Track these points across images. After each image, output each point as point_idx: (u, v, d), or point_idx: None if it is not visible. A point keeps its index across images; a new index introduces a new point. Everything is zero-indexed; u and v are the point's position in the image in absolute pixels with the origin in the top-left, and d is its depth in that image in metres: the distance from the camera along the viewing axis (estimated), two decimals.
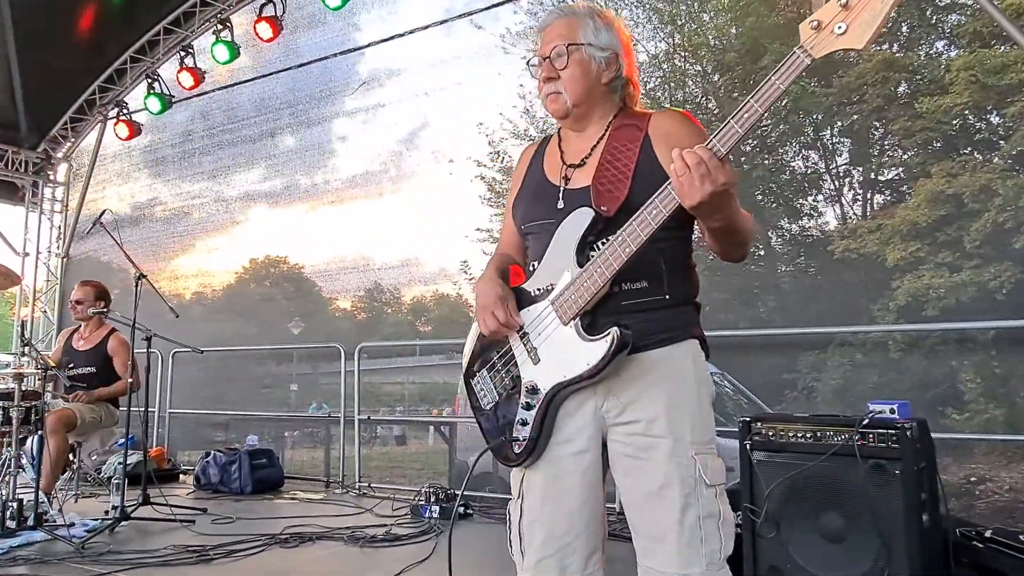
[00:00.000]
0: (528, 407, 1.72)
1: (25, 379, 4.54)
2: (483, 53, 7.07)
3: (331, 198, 7.63)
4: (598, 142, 1.81)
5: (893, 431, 2.61)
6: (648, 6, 8.57)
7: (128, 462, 4.72)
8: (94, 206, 8.71)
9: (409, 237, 7.45)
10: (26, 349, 4.73)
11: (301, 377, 8.76)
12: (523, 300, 1.78)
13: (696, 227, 1.79)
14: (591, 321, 1.67)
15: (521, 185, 1.95)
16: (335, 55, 7.16)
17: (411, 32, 6.80)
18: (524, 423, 1.73)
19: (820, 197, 7.09)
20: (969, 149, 10.74)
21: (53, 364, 4.76)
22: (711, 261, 1.98)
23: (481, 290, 1.82)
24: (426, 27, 6.64)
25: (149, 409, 5.07)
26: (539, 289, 1.76)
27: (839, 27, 1.37)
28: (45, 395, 4.78)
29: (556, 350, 1.69)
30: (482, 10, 6.59)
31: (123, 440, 5.70)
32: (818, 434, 2.78)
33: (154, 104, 7.67)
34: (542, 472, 1.75)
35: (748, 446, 2.97)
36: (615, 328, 1.59)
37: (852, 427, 2.70)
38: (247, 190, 8.05)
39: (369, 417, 6.34)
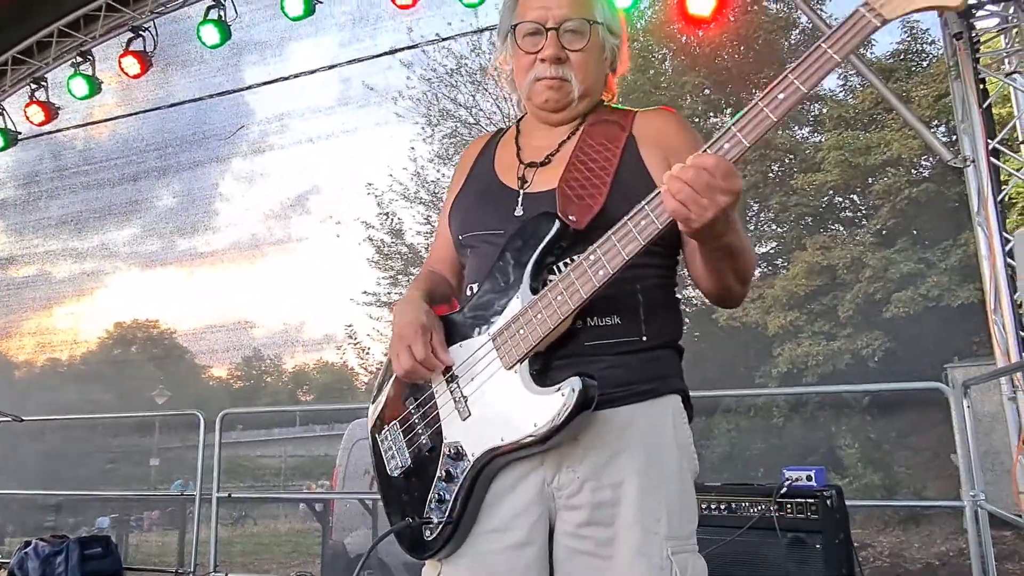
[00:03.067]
0: (449, 478, 1.29)
1: None
2: (375, 117, 6.91)
3: (209, 260, 7.09)
4: (568, 138, 1.44)
5: (812, 500, 2.41)
6: None
7: None
8: None
9: (292, 302, 7.03)
10: None
11: (164, 451, 7.95)
12: (454, 333, 1.36)
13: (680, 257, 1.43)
14: (543, 366, 1.27)
15: (463, 187, 1.54)
16: (209, 96, 6.70)
17: (297, 76, 6.47)
18: (441, 500, 1.30)
19: None
20: (839, 225, 11.41)
21: None
22: None
23: (399, 314, 1.39)
24: (313, 71, 6.34)
25: None
26: (476, 319, 1.35)
27: None
28: None
29: (493, 403, 1.27)
30: (369, 57, 6.39)
31: None
32: (733, 505, 2.54)
33: None
34: (465, 569, 1.30)
35: None
36: (576, 379, 1.18)
37: (769, 496, 2.47)
38: (117, 250, 7.36)
39: (230, 494, 5.65)
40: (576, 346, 1.28)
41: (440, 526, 1.28)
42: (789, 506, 2.42)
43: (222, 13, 6.06)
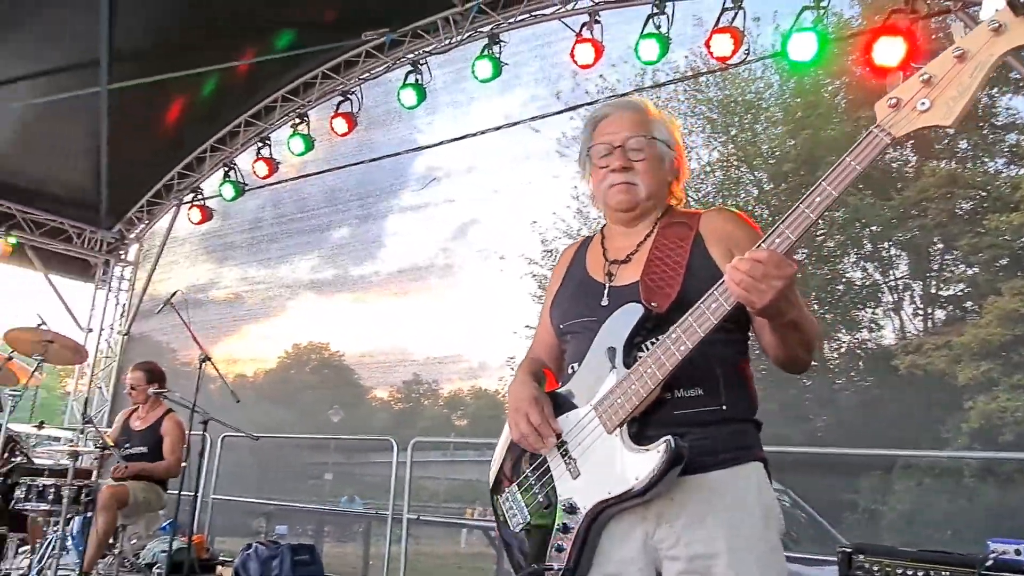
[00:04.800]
0: (565, 530, 1.50)
1: (80, 458, 4.49)
2: (539, 155, 7.24)
3: (377, 289, 7.73)
4: (645, 239, 1.71)
5: None
6: (702, 116, 8.74)
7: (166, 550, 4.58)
8: (160, 287, 8.95)
9: (452, 331, 7.43)
10: (86, 426, 4.72)
11: (336, 467, 8.59)
12: (561, 406, 1.62)
13: (752, 333, 1.65)
14: (639, 429, 1.48)
15: (561, 284, 1.83)
16: (405, 152, 7.40)
17: (480, 133, 7.01)
18: (560, 549, 1.50)
19: (879, 310, 6.87)
20: None
21: (112, 442, 4.70)
22: (759, 371, 1.78)
23: (514, 392, 1.67)
24: (485, 131, 6.87)
25: (191, 494, 4.96)
26: (578, 393, 1.59)
27: (922, 103, 1.29)
28: (99, 475, 4.72)
29: (599, 462, 1.49)
30: (539, 117, 6.81)
31: (166, 524, 5.57)
32: (931, 574, 2.53)
33: (228, 191, 7.97)
34: None
35: None
36: (669, 437, 1.39)
37: (972, 568, 2.44)
38: (298, 278, 8.22)
39: (419, 516, 6.08)
40: (666, 415, 1.49)
41: (561, 571, 1.49)
42: None
43: (419, 77, 6.73)
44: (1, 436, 4.21)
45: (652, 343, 1.51)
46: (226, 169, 8.08)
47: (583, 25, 5.85)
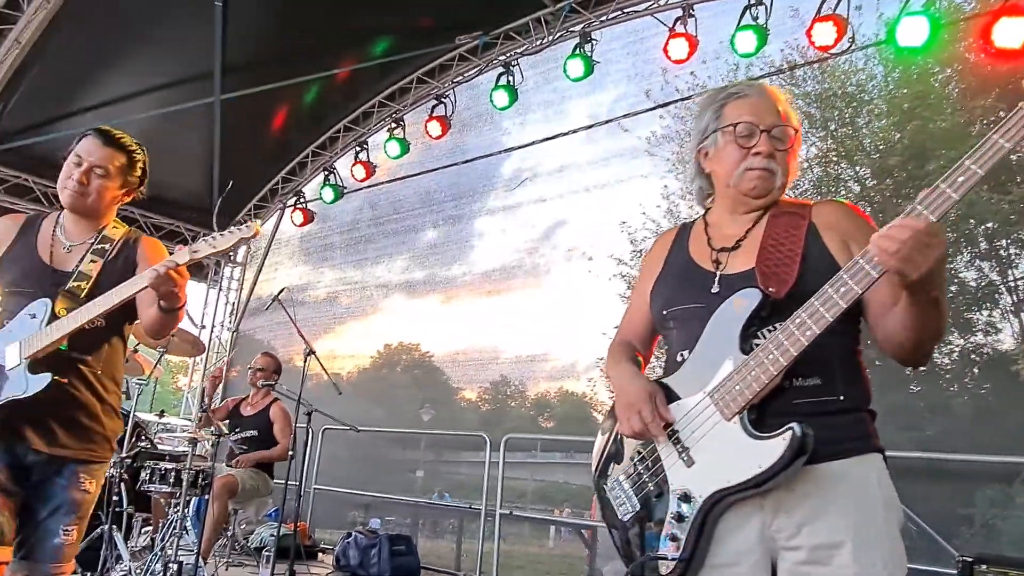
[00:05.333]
0: (679, 519, 1.48)
1: (198, 444, 4.80)
2: (628, 154, 7.17)
3: (466, 290, 7.83)
4: (753, 226, 1.68)
5: None
6: (798, 110, 8.44)
7: (273, 534, 4.82)
8: (265, 287, 9.42)
9: (539, 332, 7.44)
10: (203, 416, 5.05)
11: (426, 464, 8.78)
12: (670, 394, 1.59)
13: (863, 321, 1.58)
14: (757, 418, 1.45)
15: (662, 270, 1.79)
16: (497, 153, 7.50)
17: (571, 133, 7.03)
18: (674, 538, 1.47)
19: (996, 312, 6.43)
20: None
21: (224, 429, 5.01)
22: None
23: (622, 385, 1.65)
24: (575, 131, 6.87)
25: (295, 483, 5.21)
26: (691, 380, 1.56)
27: None
28: (216, 461, 5.03)
29: (716, 450, 1.46)
30: (631, 115, 6.75)
31: (272, 511, 5.87)
32: None
33: (328, 194, 8.31)
34: None
35: None
36: (796, 424, 1.36)
37: None
38: (390, 278, 8.45)
39: (512, 512, 6.15)
40: (785, 404, 1.46)
41: (675, 562, 1.47)
42: None
43: (510, 78, 6.82)
44: (129, 422, 4.54)
45: (768, 330, 1.49)
46: (326, 173, 8.43)
47: (676, 20, 5.78)
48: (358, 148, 8.06)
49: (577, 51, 6.18)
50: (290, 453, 5.10)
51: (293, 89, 7.26)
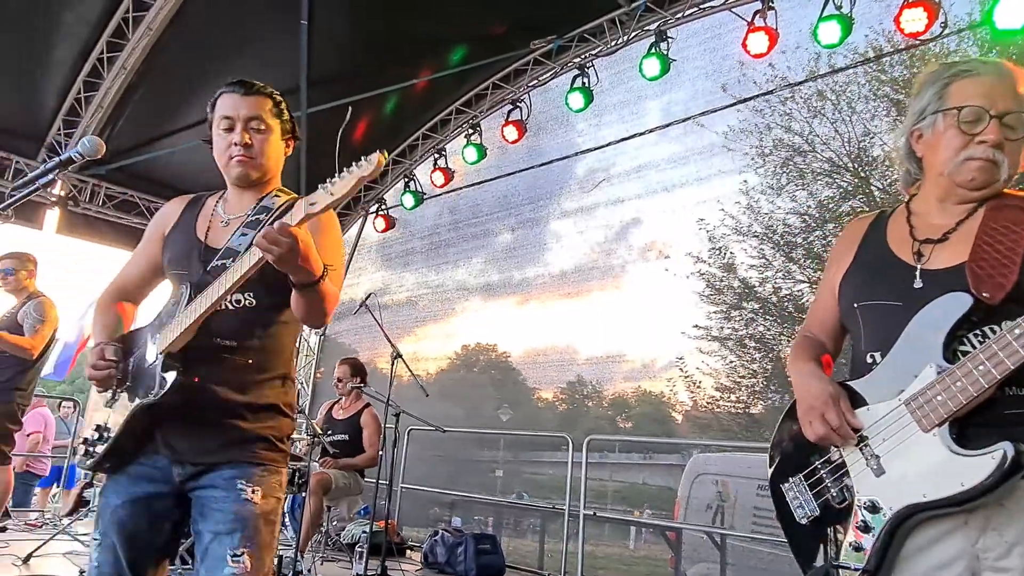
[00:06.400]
0: (865, 529, 1.41)
1: (295, 444, 5.03)
2: (705, 151, 7.06)
3: (542, 291, 7.87)
4: (967, 217, 1.52)
5: None
6: (886, 98, 8.08)
7: (365, 531, 5.00)
8: (350, 291, 9.73)
9: (616, 332, 7.40)
10: (298, 416, 5.28)
11: (505, 464, 8.86)
12: (859, 398, 1.49)
13: None
14: (961, 430, 1.35)
15: (854, 260, 1.65)
16: (573, 155, 7.53)
17: (648, 132, 6.99)
18: (858, 548, 1.41)
19: None
20: None
21: (319, 432, 5.23)
22: None
23: (803, 385, 1.56)
24: (653, 130, 6.82)
25: (384, 482, 5.37)
26: (882, 385, 1.45)
27: None
28: (312, 460, 5.26)
29: (911, 462, 1.38)
30: (711, 111, 6.65)
31: (363, 508, 6.07)
32: None
33: (408, 200, 8.53)
34: None
35: None
36: (1008, 444, 1.26)
37: None
38: (467, 281, 8.59)
39: (595, 513, 6.17)
40: (994, 415, 1.33)
41: (859, 571, 1.40)
42: None
43: (586, 80, 6.84)
44: None
45: (976, 336, 1.39)
46: (406, 180, 8.65)
47: (755, 13, 5.67)
48: (436, 155, 8.24)
49: (653, 50, 6.15)
50: (380, 453, 5.27)
51: (373, 100, 7.49)
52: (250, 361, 1.91)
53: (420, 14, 6.69)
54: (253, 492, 1.83)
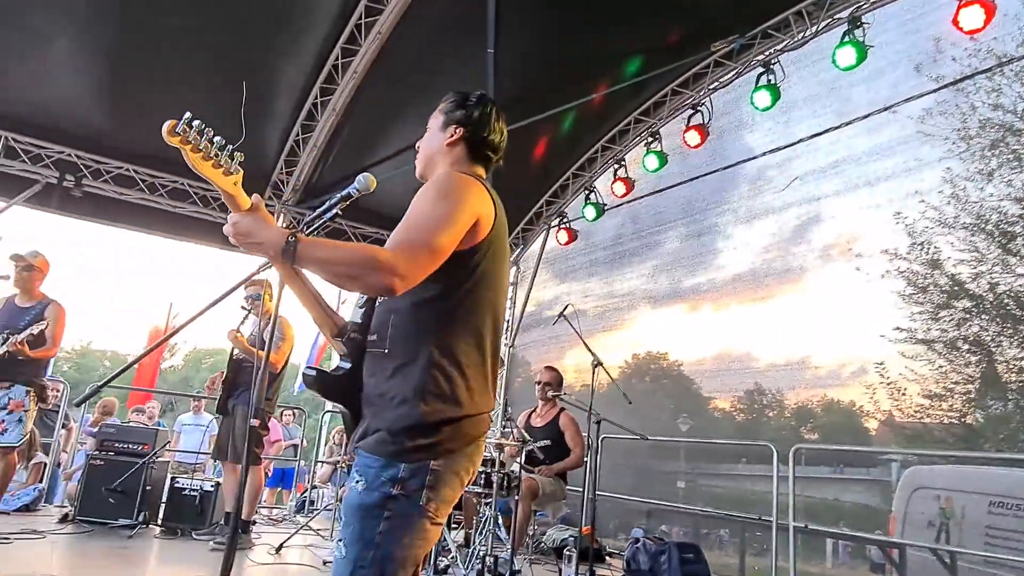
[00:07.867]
0: None
1: (503, 450, 5.30)
2: (898, 140, 6.57)
3: (715, 296, 7.66)
4: None
5: None
6: None
7: (563, 536, 5.14)
8: (535, 303, 10.07)
9: (797, 337, 7.02)
10: (506, 424, 5.56)
11: (685, 475, 8.67)
12: None
13: None
14: None
15: None
16: (760, 155, 7.31)
17: (843, 125, 6.63)
18: None
19: None
20: None
21: (527, 438, 5.48)
22: None
23: None
24: (867, 115, 6.44)
25: (581, 490, 5.48)
26: None
27: None
28: (516, 466, 5.51)
29: None
30: (914, 98, 6.18)
31: (565, 513, 6.25)
32: None
33: (590, 212, 8.69)
34: None
35: None
36: None
37: None
38: (636, 288, 8.54)
39: (807, 526, 5.92)
40: None
41: None
42: None
43: (770, 77, 6.63)
44: None
45: None
46: (587, 192, 8.82)
47: None
48: (616, 165, 8.33)
49: (847, 38, 5.86)
50: (584, 460, 5.42)
51: (552, 118, 7.74)
52: (386, 350, 1.95)
53: (595, 34, 6.85)
54: (360, 484, 1.79)
